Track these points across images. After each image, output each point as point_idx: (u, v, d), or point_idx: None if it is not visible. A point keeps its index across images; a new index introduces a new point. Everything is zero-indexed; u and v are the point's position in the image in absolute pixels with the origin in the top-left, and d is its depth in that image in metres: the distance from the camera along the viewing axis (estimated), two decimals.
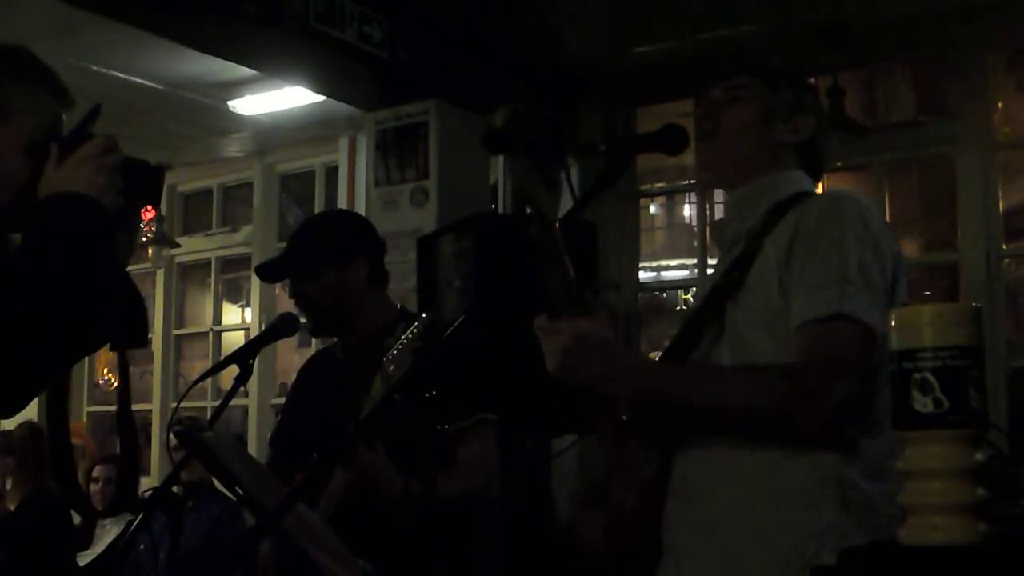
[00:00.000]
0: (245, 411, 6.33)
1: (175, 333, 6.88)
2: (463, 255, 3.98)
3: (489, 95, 4.84)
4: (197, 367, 6.93)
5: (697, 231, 5.46)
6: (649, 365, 1.68)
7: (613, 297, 5.16)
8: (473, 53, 4.78)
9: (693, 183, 5.57)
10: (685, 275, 6.97)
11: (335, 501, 2.51)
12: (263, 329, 2.74)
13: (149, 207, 4.82)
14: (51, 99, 1.61)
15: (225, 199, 6.80)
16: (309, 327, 2.84)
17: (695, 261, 5.64)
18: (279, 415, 3.83)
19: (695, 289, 5.69)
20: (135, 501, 1.84)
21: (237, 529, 4.40)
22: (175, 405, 2.67)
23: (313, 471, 2.23)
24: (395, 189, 4.76)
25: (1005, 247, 4.54)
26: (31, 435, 4.46)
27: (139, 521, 2.30)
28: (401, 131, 4.76)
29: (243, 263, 6.71)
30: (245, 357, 2.59)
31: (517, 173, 1.73)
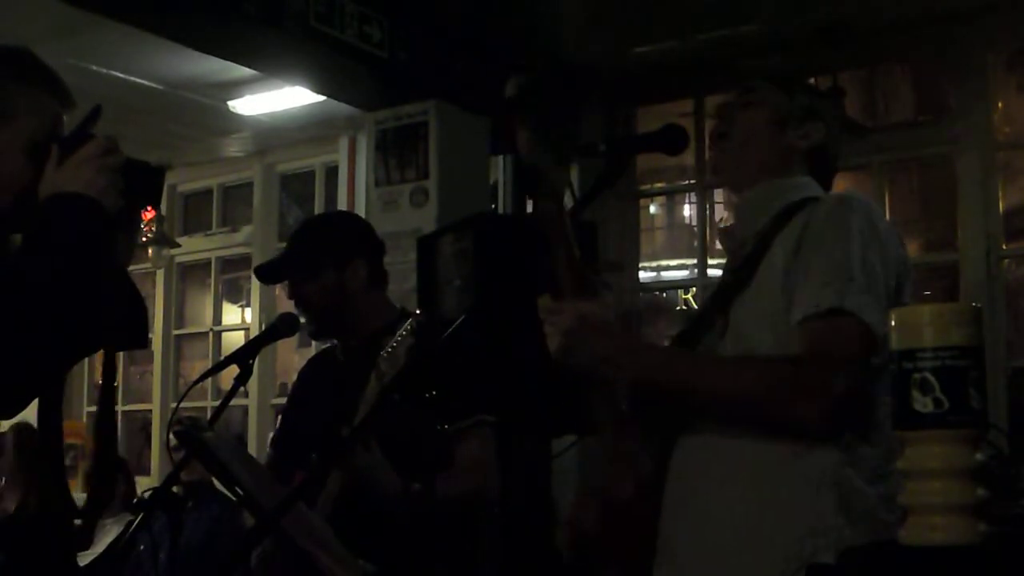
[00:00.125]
0: (245, 411, 6.33)
1: (175, 333, 6.88)
2: (463, 255, 3.97)
3: (489, 95, 4.84)
4: (197, 367, 6.92)
5: (697, 231, 5.45)
6: (651, 348, 1.68)
7: (616, 278, 5.16)
8: (473, 53, 4.78)
9: (693, 183, 5.56)
10: (685, 275, 6.96)
11: (331, 501, 2.51)
12: (263, 329, 2.74)
13: (149, 208, 4.82)
14: (52, 100, 1.61)
15: (225, 199, 6.80)
16: (309, 329, 2.84)
17: (695, 261, 5.63)
18: (280, 416, 3.84)
19: (695, 289, 5.69)
20: (108, 500, 1.83)
21: (237, 529, 4.40)
22: (175, 405, 2.68)
23: (311, 472, 2.23)
24: (395, 189, 4.76)
25: (1005, 247, 4.54)
26: (27, 435, 4.46)
27: (139, 521, 2.30)
28: (401, 131, 4.76)
29: (243, 263, 6.71)
30: (245, 357, 2.59)
31: (527, 144, 1.73)
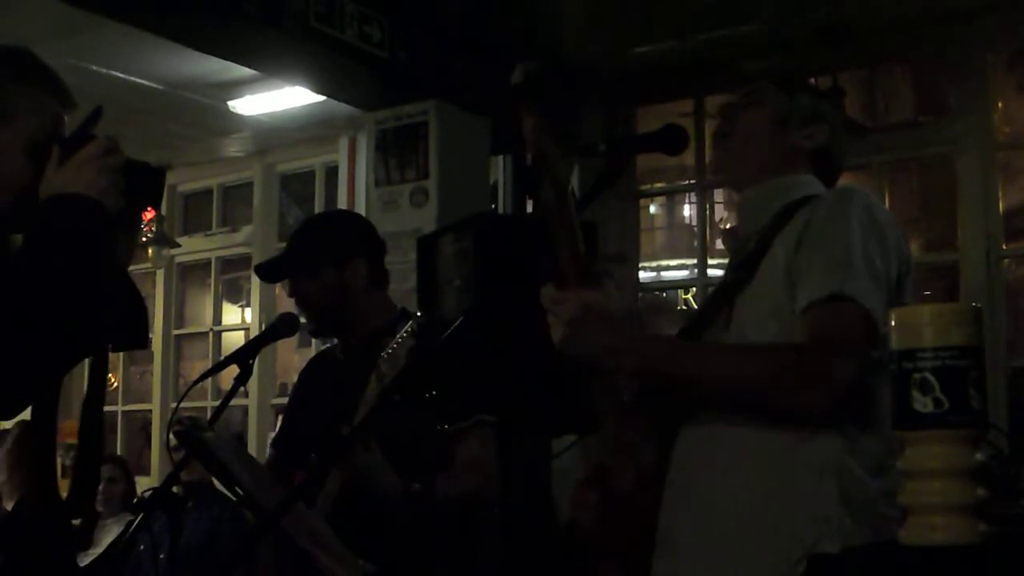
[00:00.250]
0: (245, 411, 6.33)
1: (175, 333, 6.88)
2: (463, 255, 3.97)
3: (489, 95, 4.85)
4: (197, 367, 6.92)
5: (697, 231, 5.45)
6: (655, 338, 1.69)
7: (619, 269, 5.16)
8: (473, 53, 4.79)
9: (693, 183, 5.56)
10: (685, 275, 6.96)
11: (331, 501, 2.51)
12: (263, 329, 2.74)
13: (150, 208, 4.82)
14: (53, 100, 1.61)
15: (225, 199, 6.80)
16: (309, 327, 2.84)
17: (695, 261, 5.63)
18: (280, 416, 3.84)
19: (695, 289, 5.69)
20: (92, 501, 1.83)
21: (237, 529, 4.40)
22: (175, 405, 2.67)
23: (311, 472, 2.23)
24: (395, 189, 4.76)
25: (1005, 247, 4.54)
26: (25, 435, 4.46)
27: (139, 521, 2.30)
28: (401, 131, 4.76)
29: (243, 263, 6.71)
30: (245, 357, 2.59)
31: (533, 132, 1.73)
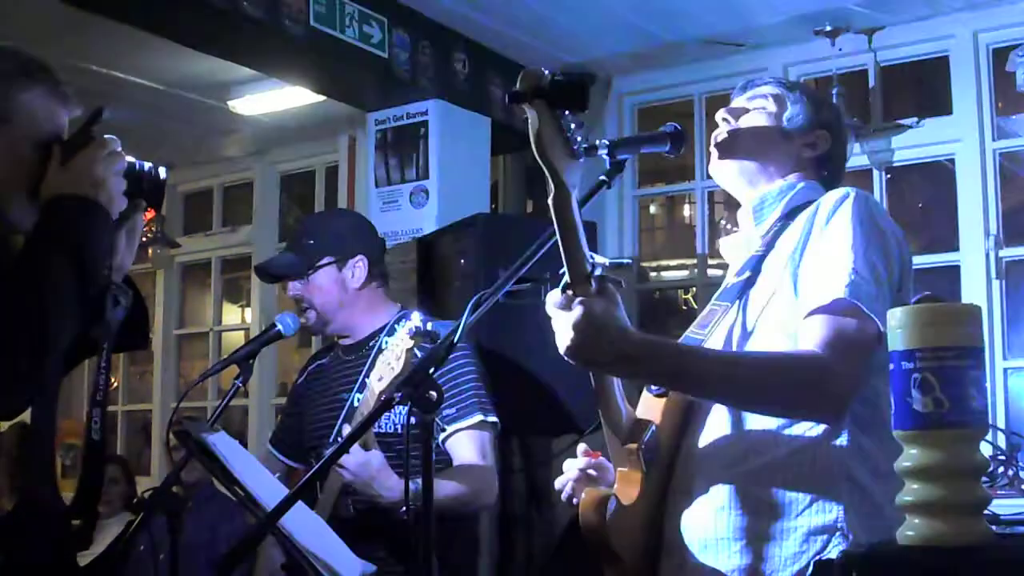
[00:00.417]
0: (245, 411, 6.33)
1: (175, 333, 6.88)
2: (463, 255, 3.98)
3: (489, 95, 4.85)
4: (197, 367, 6.92)
5: (697, 231, 5.45)
6: (660, 345, 1.68)
7: (626, 274, 5.16)
8: (473, 53, 4.79)
9: (693, 183, 5.56)
10: (685, 275, 6.95)
11: (331, 501, 2.51)
12: (263, 329, 2.75)
13: (150, 209, 4.81)
14: (53, 101, 1.61)
15: (225, 199, 6.80)
16: (309, 327, 2.84)
17: (695, 261, 5.63)
18: (280, 415, 3.84)
19: (695, 289, 5.68)
20: (96, 502, 1.83)
21: (237, 529, 4.40)
22: (175, 405, 2.67)
23: (312, 472, 2.23)
24: (395, 189, 4.76)
25: (1005, 247, 4.54)
26: (24, 435, 4.45)
27: (139, 521, 2.30)
28: (401, 131, 4.76)
29: (243, 263, 6.70)
30: (245, 357, 2.59)
31: (539, 136, 1.72)
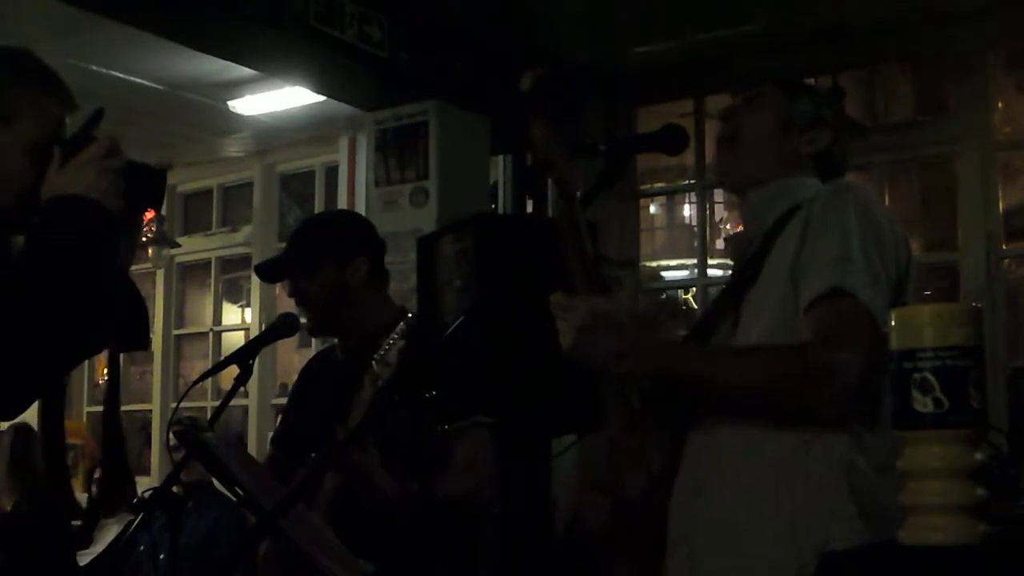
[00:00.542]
0: (245, 411, 6.33)
1: (175, 333, 6.89)
2: (463, 255, 3.97)
3: (489, 95, 4.85)
4: (197, 367, 6.93)
5: (697, 231, 5.45)
6: (664, 343, 1.68)
7: (627, 275, 5.16)
8: (473, 53, 4.78)
9: (693, 183, 5.56)
10: (685, 275, 6.95)
11: (329, 501, 2.51)
12: (263, 329, 2.74)
13: (150, 209, 4.82)
14: (54, 102, 1.61)
15: (225, 199, 6.80)
16: (308, 326, 2.84)
17: (695, 261, 5.63)
18: (280, 415, 3.84)
19: (695, 289, 5.69)
20: (126, 498, 1.83)
21: (237, 529, 4.40)
22: (175, 405, 2.67)
23: (309, 473, 2.23)
24: (395, 189, 4.76)
25: (1005, 247, 4.54)
26: (23, 435, 4.47)
27: (139, 521, 2.30)
28: (401, 131, 4.76)
29: (243, 263, 6.71)
30: (245, 357, 2.59)
31: (540, 140, 1.73)
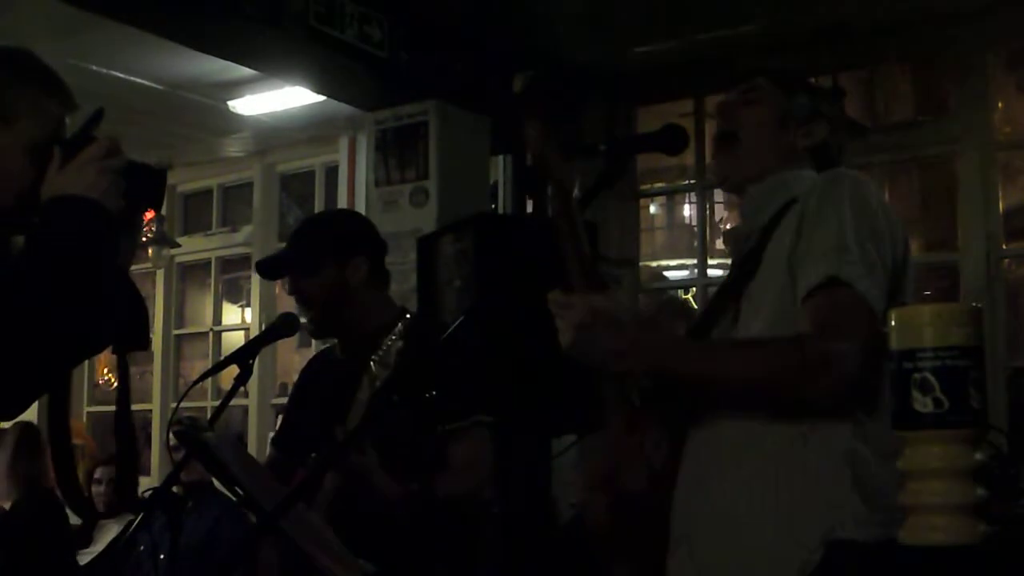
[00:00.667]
0: (245, 411, 6.33)
1: (175, 333, 6.89)
2: (463, 255, 3.97)
3: (489, 95, 4.85)
4: (197, 367, 6.93)
5: (697, 231, 5.45)
6: (662, 340, 1.68)
7: (627, 275, 5.17)
8: (473, 53, 4.78)
9: (693, 183, 5.56)
10: (685, 275, 6.96)
11: (328, 502, 2.51)
12: (263, 329, 2.74)
13: (150, 209, 4.82)
14: (54, 102, 1.61)
15: (225, 199, 6.80)
16: (310, 328, 2.84)
17: (695, 261, 5.63)
18: (281, 415, 3.84)
19: (695, 289, 5.69)
20: (135, 501, 1.84)
21: (237, 529, 4.40)
22: (175, 405, 2.68)
23: (309, 472, 2.23)
24: (395, 189, 4.76)
25: (1005, 247, 4.54)
26: (24, 434, 4.47)
27: (139, 521, 2.30)
28: (401, 131, 4.76)
29: (243, 263, 6.71)
30: (245, 357, 2.59)
31: (534, 140, 1.73)
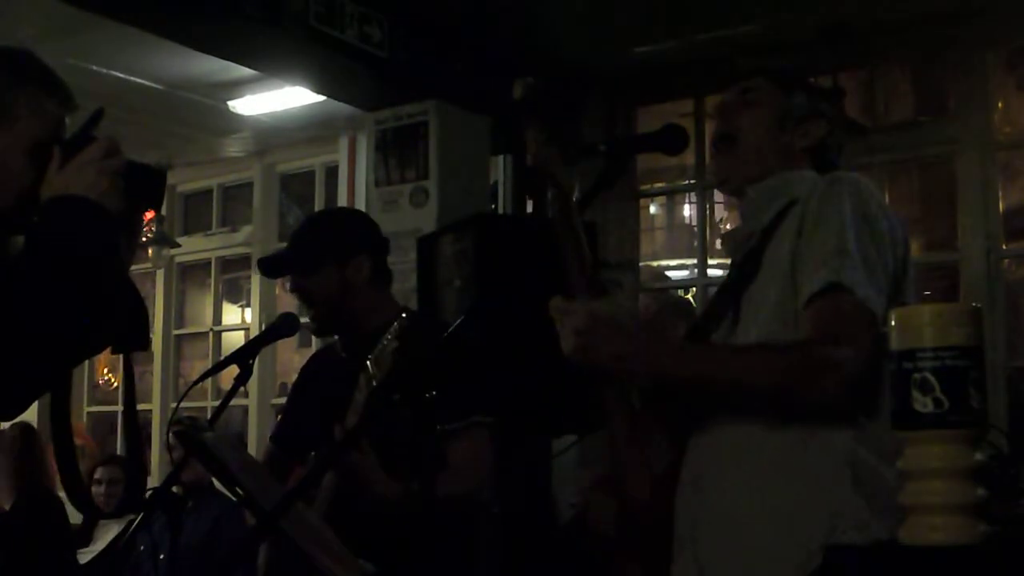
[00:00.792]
0: (245, 411, 6.33)
1: (175, 333, 6.89)
2: (463, 255, 3.98)
3: (489, 95, 4.85)
4: (197, 367, 6.93)
5: (697, 231, 5.45)
6: (663, 344, 1.68)
7: (626, 278, 5.17)
8: (473, 53, 4.79)
9: (693, 183, 5.56)
10: (685, 275, 6.96)
11: (327, 501, 2.51)
12: (263, 329, 2.74)
13: (150, 209, 4.82)
14: (54, 102, 1.61)
15: (225, 199, 6.80)
16: (312, 327, 2.84)
17: (695, 261, 5.63)
18: (280, 413, 3.84)
19: (695, 289, 5.70)
20: (142, 502, 1.85)
21: (237, 529, 4.40)
22: (175, 405, 2.68)
23: (308, 471, 2.23)
24: (395, 189, 4.76)
25: (1005, 247, 4.54)
26: (23, 434, 4.47)
27: (139, 521, 2.31)
28: (401, 131, 4.76)
29: (243, 263, 6.71)
30: (245, 357, 2.59)
31: (535, 145, 1.73)
